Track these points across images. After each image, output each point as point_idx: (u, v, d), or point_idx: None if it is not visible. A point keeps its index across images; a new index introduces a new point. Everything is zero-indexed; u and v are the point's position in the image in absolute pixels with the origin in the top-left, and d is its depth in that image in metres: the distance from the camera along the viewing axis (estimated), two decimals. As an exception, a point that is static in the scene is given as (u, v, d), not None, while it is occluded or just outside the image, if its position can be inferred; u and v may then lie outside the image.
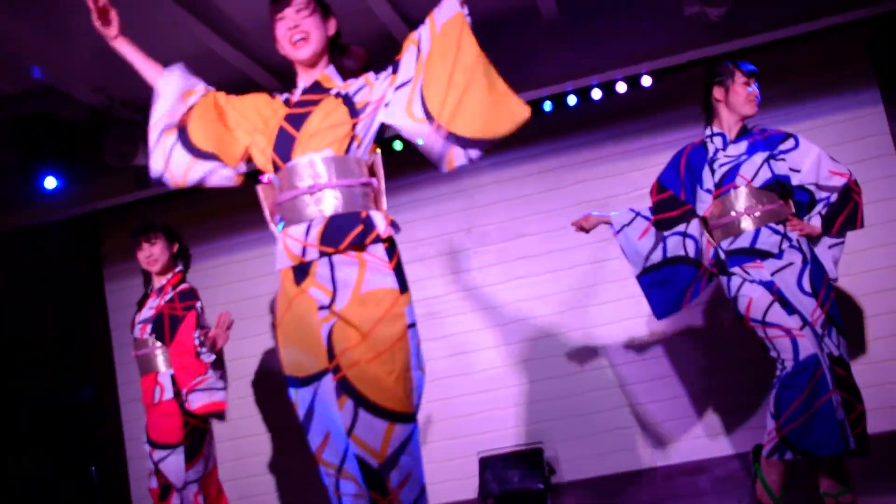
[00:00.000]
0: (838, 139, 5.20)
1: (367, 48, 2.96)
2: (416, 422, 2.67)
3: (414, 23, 4.95)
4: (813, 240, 3.75)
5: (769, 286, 3.64)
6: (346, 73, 2.88)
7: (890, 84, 5.29)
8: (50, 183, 5.28)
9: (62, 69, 4.72)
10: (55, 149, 5.21)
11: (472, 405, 5.56)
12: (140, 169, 5.43)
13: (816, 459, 3.61)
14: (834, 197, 3.75)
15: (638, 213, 4.02)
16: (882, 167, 5.25)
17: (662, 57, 5.09)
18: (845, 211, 3.72)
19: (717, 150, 3.86)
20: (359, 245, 2.64)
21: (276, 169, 2.77)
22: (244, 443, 5.86)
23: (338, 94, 2.80)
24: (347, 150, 2.72)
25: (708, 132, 3.92)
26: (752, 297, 3.65)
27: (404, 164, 5.15)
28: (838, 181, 3.76)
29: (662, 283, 3.95)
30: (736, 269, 3.73)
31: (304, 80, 2.90)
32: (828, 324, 3.60)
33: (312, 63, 2.86)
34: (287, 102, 2.88)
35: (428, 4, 4.69)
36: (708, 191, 3.84)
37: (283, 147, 2.75)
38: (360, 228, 2.63)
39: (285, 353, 2.71)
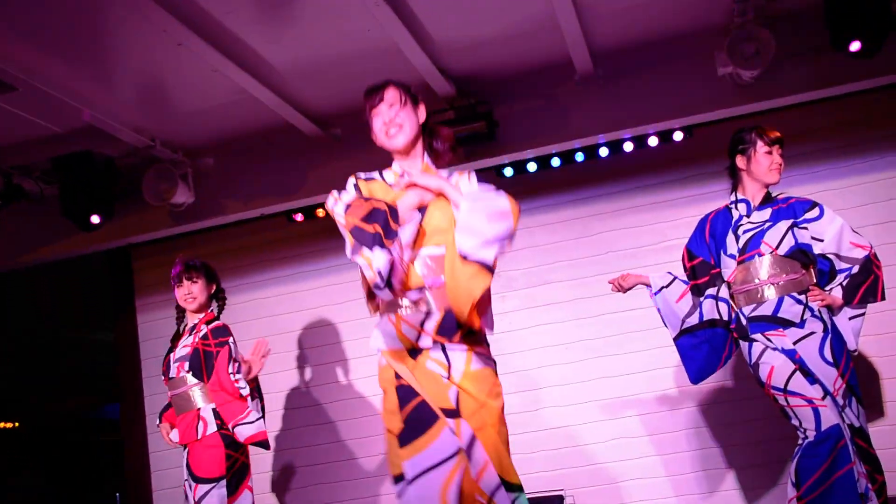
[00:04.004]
0: (866, 199, 5.21)
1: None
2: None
3: (450, 74, 5.07)
4: (833, 310, 3.77)
5: (791, 355, 3.66)
6: (437, 155, 3.00)
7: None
8: (94, 220, 5.38)
9: (105, 111, 4.87)
10: (95, 185, 5.34)
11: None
12: (176, 205, 5.56)
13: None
14: (855, 269, 3.76)
15: (676, 277, 4.06)
16: (908, 228, 5.22)
17: (694, 114, 5.14)
18: (866, 283, 3.73)
19: (741, 217, 3.89)
20: (468, 339, 2.82)
21: None
22: (265, 478, 5.94)
23: None
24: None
25: (732, 198, 3.97)
26: (773, 365, 3.67)
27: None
28: (859, 253, 3.77)
29: (700, 345, 3.97)
30: (758, 336, 3.75)
31: (402, 166, 2.96)
32: (848, 394, 3.61)
33: (407, 150, 2.93)
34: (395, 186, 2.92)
35: (461, 56, 4.84)
36: (731, 256, 3.87)
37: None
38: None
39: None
